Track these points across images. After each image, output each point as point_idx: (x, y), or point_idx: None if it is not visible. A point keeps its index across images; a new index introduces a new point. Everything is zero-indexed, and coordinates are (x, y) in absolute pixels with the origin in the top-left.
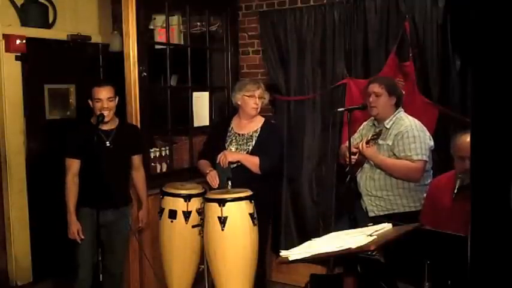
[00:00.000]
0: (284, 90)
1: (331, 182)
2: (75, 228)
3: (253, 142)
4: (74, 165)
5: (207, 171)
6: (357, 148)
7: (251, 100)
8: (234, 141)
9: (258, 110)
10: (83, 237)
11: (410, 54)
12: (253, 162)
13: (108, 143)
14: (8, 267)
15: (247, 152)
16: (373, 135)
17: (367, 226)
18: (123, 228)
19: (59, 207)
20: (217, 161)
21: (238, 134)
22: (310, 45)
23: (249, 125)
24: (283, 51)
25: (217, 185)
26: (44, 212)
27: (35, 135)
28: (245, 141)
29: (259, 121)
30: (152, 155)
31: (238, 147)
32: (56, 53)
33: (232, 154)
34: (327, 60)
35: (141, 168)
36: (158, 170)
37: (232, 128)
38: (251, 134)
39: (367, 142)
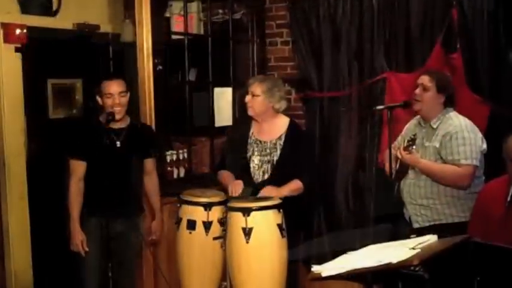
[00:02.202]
0: (316, 86)
1: (370, 189)
2: (78, 238)
3: (278, 152)
4: (78, 168)
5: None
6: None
7: (247, 97)
8: (255, 150)
9: (255, 110)
10: (87, 249)
11: (458, 45)
12: (297, 189)
13: (118, 144)
14: (7, 284)
15: (271, 164)
16: (408, 141)
17: (410, 238)
18: (134, 241)
19: (64, 216)
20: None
21: (260, 141)
22: (346, 35)
23: (271, 129)
24: (315, 41)
25: (237, 194)
26: (47, 221)
27: (37, 135)
28: (268, 150)
29: (283, 124)
30: (168, 159)
31: (261, 158)
32: (61, 44)
33: (274, 191)
34: (364, 52)
35: (154, 173)
36: (175, 175)
37: (252, 133)
38: (274, 141)
39: (405, 148)
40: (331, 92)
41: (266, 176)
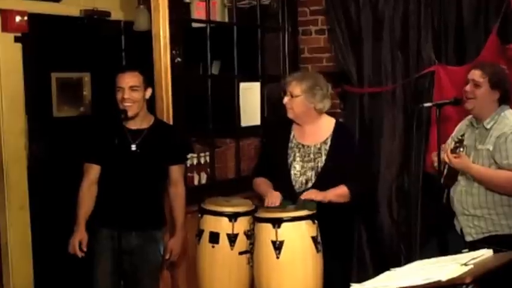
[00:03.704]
0: (355, 80)
1: (416, 197)
2: (76, 239)
3: (323, 158)
4: (92, 171)
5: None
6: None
7: (285, 98)
8: (297, 155)
9: (295, 112)
10: (84, 249)
11: None
12: (342, 196)
13: (133, 147)
14: None
15: (315, 171)
16: (455, 142)
17: (462, 252)
18: (151, 257)
19: (70, 228)
20: (300, 202)
21: (302, 146)
22: (389, 23)
23: (314, 132)
24: (354, 30)
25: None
26: (51, 234)
27: (40, 137)
28: (312, 156)
29: (328, 126)
30: (189, 163)
31: (304, 164)
32: (66, 33)
33: (318, 194)
34: (410, 42)
35: (180, 183)
36: (196, 182)
37: (294, 136)
38: (319, 146)
39: (452, 151)
40: (372, 87)
41: (309, 185)
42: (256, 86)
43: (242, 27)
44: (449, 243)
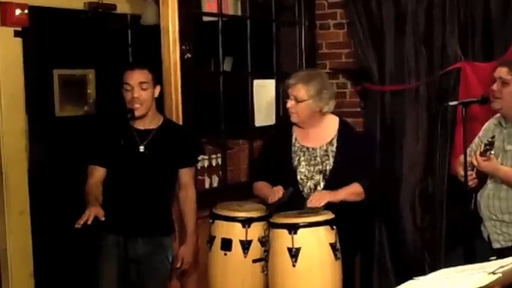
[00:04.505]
0: (377, 78)
1: (441, 201)
2: (93, 210)
3: (331, 160)
4: (96, 174)
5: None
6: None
7: (288, 102)
8: (302, 159)
9: (300, 117)
10: (102, 217)
11: None
12: (356, 193)
13: (141, 148)
14: None
15: (324, 174)
16: (486, 145)
17: (490, 260)
18: (159, 265)
19: (73, 234)
20: (308, 205)
21: (307, 148)
22: (412, 16)
23: (318, 133)
24: (375, 24)
25: (276, 199)
26: (52, 240)
27: (41, 138)
28: (319, 159)
29: (332, 126)
30: (199, 165)
31: (311, 168)
32: (69, 28)
33: (327, 194)
34: (434, 37)
35: (190, 187)
36: (207, 185)
37: (296, 138)
38: (325, 147)
39: (482, 154)
40: (395, 84)
41: (319, 189)
42: (270, 84)
43: (256, 20)
44: (476, 250)
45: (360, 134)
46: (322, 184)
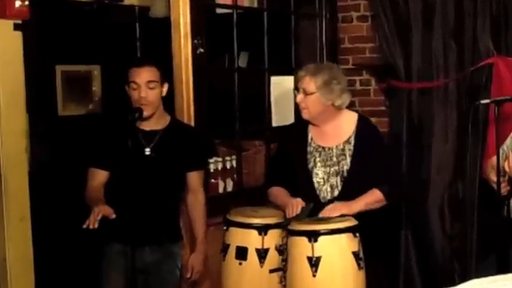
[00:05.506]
0: (403, 74)
1: (472, 207)
2: (101, 210)
3: (348, 159)
4: (97, 177)
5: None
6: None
7: (297, 96)
8: (318, 160)
9: (310, 112)
10: (112, 215)
11: None
12: (376, 201)
13: (147, 150)
14: None
15: (341, 176)
16: None
17: None
18: (167, 276)
19: (77, 241)
20: (320, 215)
21: (323, 148)
22: (441, 9)
23: (335, 131)
24: (401, 17)
25: (293, 215)
26: (54, 249)
27: (43, 138)
28: (335, 159)
29: (350, 123)
30: (212, 168)
31: (327, 169)
32: (73, 21)
33: (343, 207)
34: (465, 31)
35: (200, 191)
36: (221, 190)
37: (312, 138)
38: (342, 146)
39: None
40: (422, 81)
41: (336, 192)
42: (289, 80)
43: (273, 13)
44: (510, 259)
45: (378, 133)
46: (339, 187)
